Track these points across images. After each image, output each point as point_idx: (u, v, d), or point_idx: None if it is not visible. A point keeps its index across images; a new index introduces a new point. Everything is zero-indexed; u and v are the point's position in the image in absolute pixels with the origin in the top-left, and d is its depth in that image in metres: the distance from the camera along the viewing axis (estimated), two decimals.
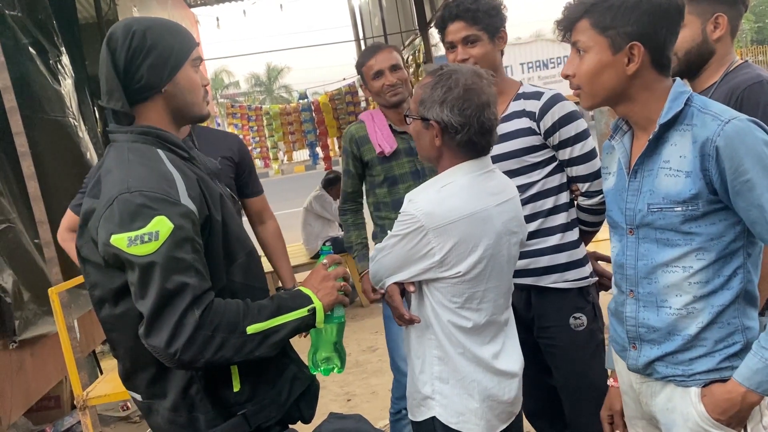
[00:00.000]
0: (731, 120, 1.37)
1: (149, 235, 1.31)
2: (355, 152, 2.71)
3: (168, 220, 1.32)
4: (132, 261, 1.31)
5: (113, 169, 1.42)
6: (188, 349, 1.31)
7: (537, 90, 2.19)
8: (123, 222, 1.32)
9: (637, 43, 1.42)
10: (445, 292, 1.69)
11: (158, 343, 1.31)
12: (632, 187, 1.54)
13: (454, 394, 1.73)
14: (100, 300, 1.44)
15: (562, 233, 2.16)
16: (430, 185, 1.74)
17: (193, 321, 1.31)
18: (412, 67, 6.90)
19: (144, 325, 1.33)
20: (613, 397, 1.77)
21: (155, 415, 1.51)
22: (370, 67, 2.65)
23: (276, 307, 1.44)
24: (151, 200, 1.33)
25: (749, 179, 1.34)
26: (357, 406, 4.07)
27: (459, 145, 1.69)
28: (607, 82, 1.48)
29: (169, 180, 1.40)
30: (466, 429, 1.74)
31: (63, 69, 4.30)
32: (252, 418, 1.50)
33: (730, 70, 1.95)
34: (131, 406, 4.23)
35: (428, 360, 1.74)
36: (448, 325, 1.71)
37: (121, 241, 1.31)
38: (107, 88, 1.46)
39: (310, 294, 1.49)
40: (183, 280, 1.32)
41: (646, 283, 1.53)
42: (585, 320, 2.14)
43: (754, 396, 1.39)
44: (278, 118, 8.70)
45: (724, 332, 1.46)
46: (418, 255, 1.66)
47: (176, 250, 1.32)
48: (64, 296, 3.02)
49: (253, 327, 1.38)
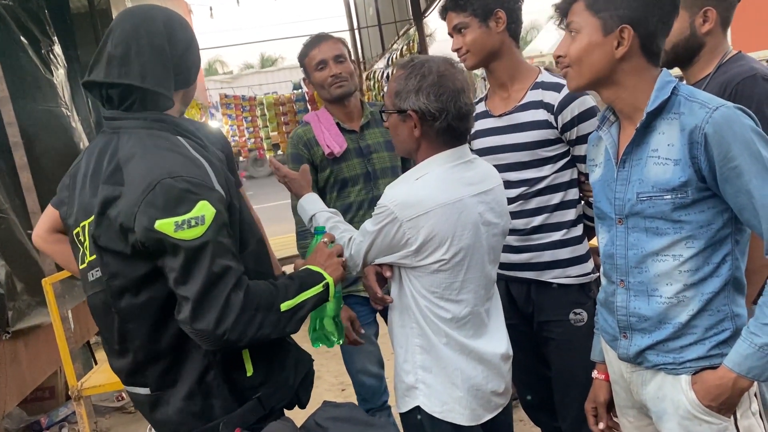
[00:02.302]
0: (719, 107, 1.38)
1: (196, 220, 1.33)
2: (307, 156, 2.48)
3: (210, 205, 1.36)
4: (179, 245, 1.33)
5: (139, 155, 1.41)
6: (236, 328, 1.35)
7: (557, 81, 2.11)
8: (168, 207, 1.33)
9: (627, 26, 1.44)
10: (424, 281, 1.69)
11: (205, 325, 1.33)
12: (621, 177, 1.54)
13: (437, 383, 1.73)
14: (121, 290, 1.43)
15: (567, 229, 2.14)
16: (406, 178, 1.74)
17: (238, 302, 1.35)
18: (407, 57, 6.89)
19: (189, 310, 1.33)
20: (597, 389, 1.78)
21: (164, 407, 1.50)
22: (312, 58, 2.50)
23: (299, 284, 1.50)
24: (193, 185, 1.36)
25: (737, 165, 1.35)
26: (352, 395, 4.07)
27: (438, 133, 1.69)
28: (596, 62, 1.49)
29: (201, 167, 1.42)
30: (450, 418, 1.73)
31: (55, 59, 4.27)
32: (266, 401, 1.52)
33: (724, 62, 1.95)
34: (126, 396, 4.24)
35: (410, 349, 1.74)
36: (428, 313, 1.71)
37: (168, 226, 1.32)
38: (156, 71, 1.46)
39: (320, 271, 1.56)
40: (227, 263, 1.36)
41: (637, 273, 1.54)
42: (585, 316, 2.13)
43: (744, 381, 1.40)
44: (272, 108, 8.68)
45: (714, 319, 1.47)
46: (397, 245, 1.67)
47: (219, 234, 1.36)
48: (57, 287, 3.03)
49: (285, 304, 1.45)
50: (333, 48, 2.49)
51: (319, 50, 2.49)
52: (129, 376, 1.54)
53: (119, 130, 1.48)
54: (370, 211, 2.47)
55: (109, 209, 1.39)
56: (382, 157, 2.55)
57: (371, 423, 1.39)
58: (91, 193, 1.45)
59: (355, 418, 1.39)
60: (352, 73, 2.52)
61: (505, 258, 2.19)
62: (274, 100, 8.87)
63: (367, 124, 2.57)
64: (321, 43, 2.51)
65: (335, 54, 2.48)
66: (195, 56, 1.57)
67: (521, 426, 3.29)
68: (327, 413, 1.40)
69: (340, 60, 2.48)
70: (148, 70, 1.45)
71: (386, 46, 9.61)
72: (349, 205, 2.52)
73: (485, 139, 2.21)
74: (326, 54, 2.48)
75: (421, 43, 6.55)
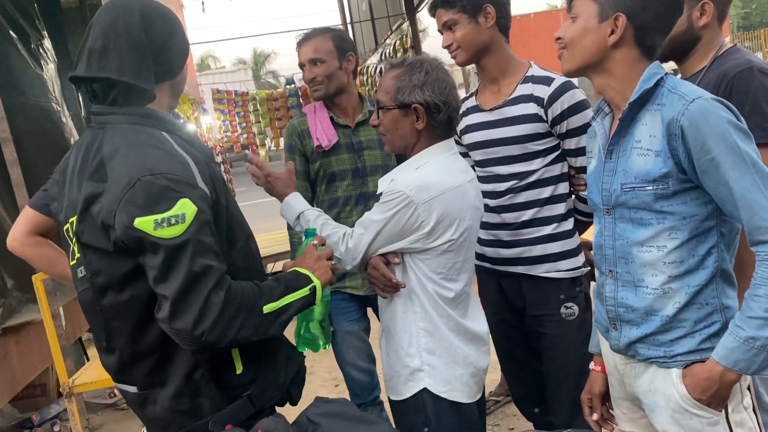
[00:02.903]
0: (696, 99, 1.39)
1: (176, 218, 1.31)
2: (299, 147, 2.52)
3: (191, 203, 1.33)
4: (158, 244, 1.31)
5: (122, 151, 1.39)
6: (215, 329, 1.33)
7: (547, 74, 2.12)
8: (148, 205, 1.31)
9: (621, 14, 1.45)
10: (430, 263, 1.77)
11: (184, 325, 1.31)
12: (608, 168, 1.55)
13: (441, 363, 1.80)
14: (104, 287, 1.42)
15: (557, 223, 2.14)
16: (404, 168, 1.83)
17: (218, 302, 1.33)
18: (400, 52, 6.85)
19: (168, 309, 1.32)
20: (593, 380, 1.79)
21: (152, 405, 1.49)
22: (298, 57, 2.53)
23: (284, 287, 1.48)
24: (174, 183, 1.33)
25: (714, 157, 1.36)
26: (345, 391, 4.06)
27: (439, 125, 1.79)
28: (588, 47, 1.50)
29: (184, 163, 1.40)
30: (453, 397, 1.81)
31: (45, 53, 4.23)
32: (256, 398, 1.51)
33: (719, 55, 1.96)
34: (119, 393, 4.22)
35: (415, 333, 1.80)
36: (433, 295, 1.78)
37: (147, 224, 1.30)
38: (134, 64, 1.43)
39: (308, 274, 1.54)
40: (207, 263, 1.33)
41: (624, 263, 1.54)
42: (576, 310, 2.14)
43: (732, 375, 1.40)
44: (265, 103, 8.63)
45: (702, 312, 1.48)
46: (410, 229, 1.73)
47: (200, 233, 1.34)
48: (48, 283, 3.00)
49: (268, 306, 1.42)
50: (309, 50, 2.48)
51: (300, 52, 2.52)
52: (117, 373, 1.53)
53: (105, 126, 1.47)
54: (357, 207, 2.49)
55: (92, 206, 1.38)
56: (374, 154, 2.55)
57: (363, 418, 1.38)
58: (77, 189, 1.44)
59: (347, 413, 1.39)
60: (330, 75, 2.47)
61: (496, 252, 2.22)
62: (266, 96, 8.83)
63: (364, 120, 2.56)
64: (303, 44, 2.51)
65: (309, 57, 2.47)
66: (178, 46, 1.53)
67: (514, 420, 3.30)
68: (319, 409, 1.40)
69: (316, 63, 2.46)
70: (125, 63, 1.43)
71: (379, 41, 9.60)
72: (336, 199, 2.52)
73: (476, 133, 2.21)
74: (303, 57, 2.50)
75: (414, 38, 6.53)
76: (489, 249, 2.24)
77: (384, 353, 1.91)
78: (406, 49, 6.72)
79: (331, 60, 2.48)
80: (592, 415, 1.77)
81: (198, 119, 9.01)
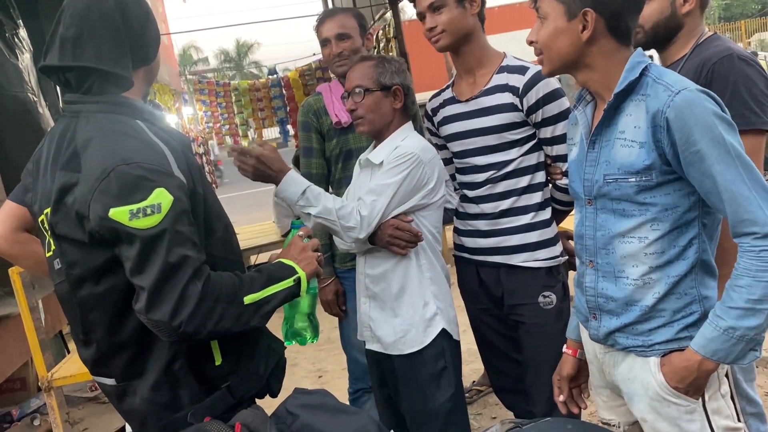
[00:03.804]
0: (681, 91, 1.38)
1: (152, 208, 1.29)
2: (316, 125, 2.53)
3: (167, 192, 1.31)
4: (134, 234, 1.28)
5: (96, 140, 1.36)
6: (192, 320, 1.31)
7: (522, 64, 2.12)
8: (123, 195, 1.29)
9: (589, 9, 1.43)
10: (432, 218, 2.07)
11: (161, 316, 1.30)
12: (590, 158, 1.55)
13: (445, 306, 2.09)
14: (81, 279, 1.40)
15: (535, 212, 2.14)
16: (391, 141, 2.08)
17: (196, 293, 1.31)
18: (383, 42, 6.81)
19: (145, 300, 1.30)
20: (563, 362, 1.81)
21: (130, 397, 1.48)
22: (320, 34, 2.53)
23: (266, 278, 1.46)
24: (149, 172, 1.31)
25: (699, 150, 1.36)
26: (329, 382, 4.09)
27: (408, 107, 2.11)
28: (563, 48, 1.49)
29: (159, 152, 1.38)
30: (455, 334, 2.11)
31: (21, 43, 4.16)
32: (235, 390, 1.50)
33: (700, 43, 1.97)
34: None
35: (424, 283, 2.06)
36: (434, 246, 2.08)
37: (122, 215, 1.28)
38: (112, 51, 1.41)
39: (293, 265, 1.53)
40: (184, 253, 1.31)
41: (605, 254, 1.54)
42: (554, 299, 2.15)
43: (709, 364, 1.41)
44: (247, 94, 8.53)
45: (681, 302, 1.48)
46: (420, 186, 2.00)
47: (177, 223, 1.32)
48: (25, 276, 2.96)
49: (249, 297, 1.41)
50: (336, 26, 2.48)
51: (323, 27, 2.51)
52: (95, 365, 1.51)
53: (78, 115, 1.44)
54: None
55: (67, 197, 1.35)
56: None
57: (343, 409, 1.37)
58: (51, 180, 1.41)
59: (326, 404, 1.38)
60: (355, 50, 2.48)
61: (474, 242, 2.22)
62: (249, 86, 8.74)
63: None
64: (326, 20, 2.52)
65: (337, 32, 2.47)
66: (153, 31, 1.51)
67: (496, 409, 3.32)
68: (298, 400, 1.39)
69: (342, 38, 2.47)
70: (103, 51, 1.40)
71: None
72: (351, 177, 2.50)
73: (453, 124, 2.21)
74: (329, 32, 2.49)
75: (397, 27, 6.50)
76: (467, 239, 2.24)
77: (390, 314, 2.07)
78: (389, 39, 6.68)
79: (356, 36, 2.51)
80: (560, 396, 1.79)
81: (179, 110, 8.91)
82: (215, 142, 9.80)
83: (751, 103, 1.82)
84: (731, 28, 26.14)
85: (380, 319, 2.10)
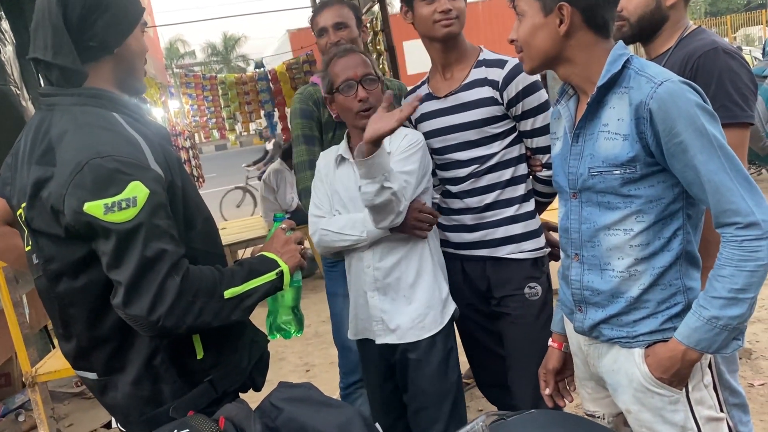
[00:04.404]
0: (664, 82, 1.38)
1: (127, 202, 1.26)
2: (317, 114, 2.46)
3: (143, 186, 1.29)
4: (109, 229, 1.26)
5: (70, 133, 1.34)
6: (171, 315, 1.29)
7: (499, 57, 2.11)
8: (97, 189, 1.26)
9: (564, 3, 1.44)
10: (428, 200, 2.11)
11: (139, 311, 1.28)
12: (574, 151, 1.55)
13: (449, 287, 2.16)
14: (58, 274, 1.38)
15: (519, 204, 2.15)
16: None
17: (174, 287, 1.29)
18: (370, 35, 6.78)
19: (122, 295, 1.28)
20: (549, 356, 1.81)
21: (112, 392, 1.46)
22: (316, 24, 2.52)
23: (247, 271, 1.44)
24: (124, 165, 1.29)
25: (682, 141, 1.36)
26: (316, 376, 4.08)
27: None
28: (542, 44, 1.50)
29: (135, 145, 1.35)
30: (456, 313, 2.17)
31: (2, 35, 4.10)
32: (218, 384, 1.49)
33: (685, 36, 1.97)
34: None
35: (436, 267, 2.12)
36: (435, 228, 2.14)
37: (97, 209, 1.26)
38: (53, 42, 1.36)
39: (275, 258, 1.51)
40: (161, 247, 1.29)
41: (590, 247, 1.55)
42: (539, 290, 2.15)
43: (693, 354, 1.42)
44: (234, 87, 8.49)
45: (666, 293, 1.49)
46: (428, 165, 2.10)
47: (153, 216, 1.29)
48: (8, 271, 2.93)
49: (230, 291, 1.39)
50: (333, 15, 2.47)
51: (320, 17, 2.49)
52: (76, 360, 1.49)
53: (53, 107, 1.41)
54: None
55: (42, 191, 1.33)
56: None
57: (328, 402, 1.36)
58: (26, 173, 1.39)
59: (311, 398, 1.37)
60: (353, 40, 2.47)
61: (459, 237, 2.22)
62: (235, 80, 8.69)
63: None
64: (324, 10, 2.50)
65: (335, 21, 2.47)
66: (109, 18, 1.40)
67: (482, 402, 3.33)
68: (283, 394, 1.38)
69: (341, 26, 2.47)
70: (48, 43, 1.37)
71: None
72: None
73: (432, 121, 2.19)
74: (326, 21, 2.48)
75: (384, 20, 6.47)
76: (452, 234, 2.24)
77: (404, 303, 2.07)
78: (376, 32, 6.66)
79: (353, 27, 2.51)
80: (546, 389, 1.80)
81: (165, 103, 8.84)
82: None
83: (736, 96, 1.83)
84: (717, 23, 26.31)
85: (393, 310, 2.09)
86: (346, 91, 2.04)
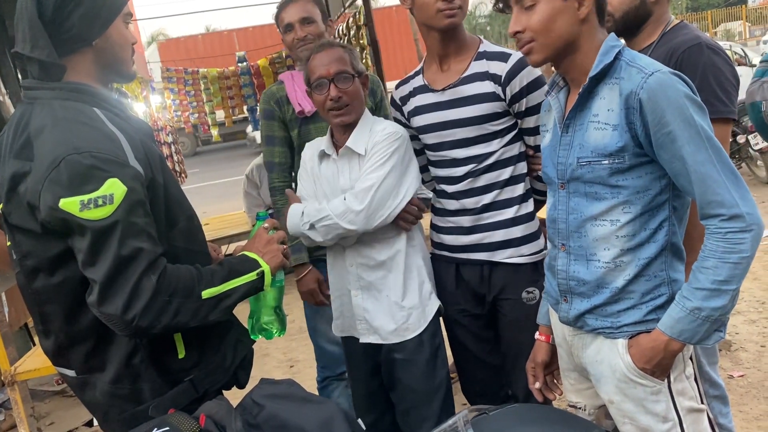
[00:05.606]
0: (654, 73, 1.39)
1: (103, 198, 1.25)
2: (279, 113, 2.47)
3: (121, 183, 1.27)
4: (84, 226, 1.25)
5: (48, 128, 1.31)
6: (146, 314, 1.28)
7: (502, 50, 2.00)
8: (73, 185, 1.24)
9: None
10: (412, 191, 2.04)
11: (113, 310, 1.26)
12: (564, 142, 1.55)
13: (433, 282, 2.14)
14: (34, 270, 1.36)
15: (518, 205, 2.05)
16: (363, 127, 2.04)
17: (150, 286, 1.28)
18: (353, 29, 6.75)
19: (96, 293, 1.26)
20: (537, 349, 1.81)
21: (91, 390, 1.45)
22: (281, 20, 2.49)
23: (227, 271, 1.43)
24: (101, 162, 1.27)
25: (671, 131, 1.36)
26: (300, 371, 4.07)
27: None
28: (562, 28, 1.46)
29: (114, 141, 1.33)
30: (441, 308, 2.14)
31: None
32: (199, 383, 1.48)
33: (667, 30, 1.99)
34: None
35: (419, 263, 2.08)
36: (420, 223, 2.12)
37: (73, 205, 1.24)
38: (29, 36, 1.34)
39: (256, 258, 1.50)
40: (138, 245, 1.28)
41: (577, 237, 1.55)
42: (537, 294, 2.04)
43: (676, 344, 1.43)
44: (216, 82, 8.41)
45: (650, 285, 1.50)
46: (407, 161, 2.01)
47: (130, 214, 1.28)
48: None
49: (208, 291, 1.37)
50: (299, 10, 2.46)
51: (286, 12, 2.48)
52: (55, 356, 1.48)
53: (34, 101, 1.39)
54: None
55: (19, 186, 1.31)
56: None
57: (309, 399, 1.36)
58: (6, 167, 1.37)
59: (292, 394, 1.36)
60: (320, 35, 2.46)
61: (455, 240, 2.11)
62: (218, 74, 8.62)
63: None
64: (289, 5, 2.48)
65: (301, 16, 2.45)
66: (86, 9, 1.38)
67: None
68: (264, 391, 1.37)
69: (306, 22, 2.45)
70: (27, 36, 1.35)
71: (332, 17, 9.45)
72: None
73: (428, 115, 2.08)
74: (292, 17, 2.46)
75: (368, 14, 6.44)
76: (448, 236, 2.14)
77: (386, 302, 2.04)
78: (359, 26, 6.62)
79: (319, 21, 2.50)
80: (535, 383, 1.80)
81: (147, 98, 8.74)
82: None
83: (719, 91, 1.84)
84: (698, 18, 26.55)
85: (376, 309, 2.05)
86: (318, 90, 2.00)
